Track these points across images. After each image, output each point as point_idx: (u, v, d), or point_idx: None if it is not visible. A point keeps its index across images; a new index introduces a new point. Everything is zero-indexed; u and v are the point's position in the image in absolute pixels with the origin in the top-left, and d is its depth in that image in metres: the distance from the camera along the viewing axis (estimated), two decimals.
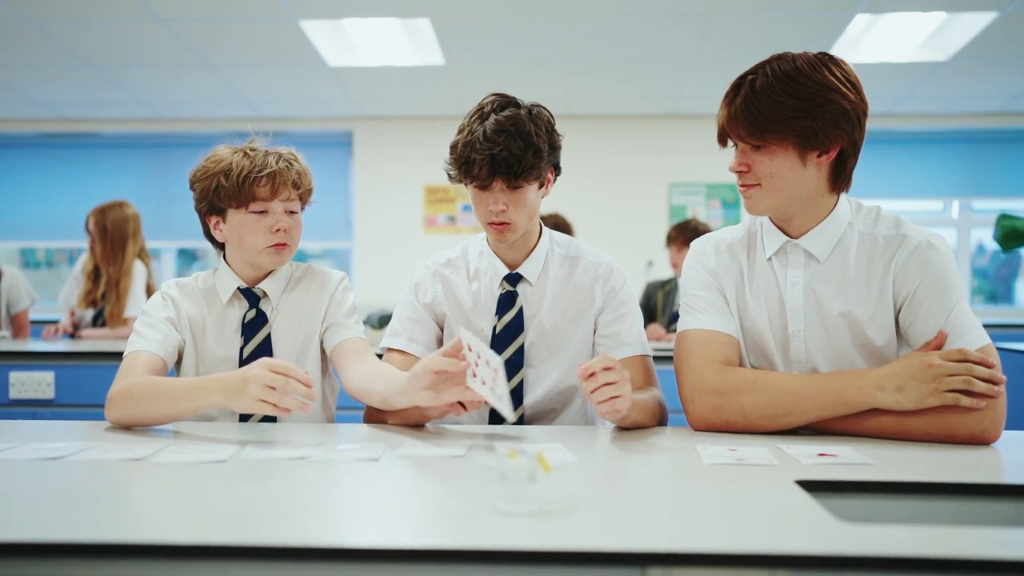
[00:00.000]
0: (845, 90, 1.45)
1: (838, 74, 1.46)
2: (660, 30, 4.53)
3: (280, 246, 1.72)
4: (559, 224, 4.10)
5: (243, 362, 1.73)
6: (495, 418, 1.77)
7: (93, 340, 3.64)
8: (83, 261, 3.87)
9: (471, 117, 1.70)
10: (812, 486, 1.12)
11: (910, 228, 1.53)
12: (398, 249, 6.35)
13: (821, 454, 1.30)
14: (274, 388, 1.38)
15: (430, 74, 5.31)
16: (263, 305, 1.78)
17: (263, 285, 1.78)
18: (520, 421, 1.78)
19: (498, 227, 1.71)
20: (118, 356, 3.08)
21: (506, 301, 1.79)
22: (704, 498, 1.08)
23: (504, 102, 1.70)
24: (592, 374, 1.40)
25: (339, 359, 1.76)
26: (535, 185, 1.70)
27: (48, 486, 1.10)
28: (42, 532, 0.89)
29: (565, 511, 0.97)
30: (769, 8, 4.20)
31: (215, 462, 1.25)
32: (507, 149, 1.62)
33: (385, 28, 4.50)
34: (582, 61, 5.07)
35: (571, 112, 6.15)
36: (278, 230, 1.71)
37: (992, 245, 6.74)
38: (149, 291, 3.81)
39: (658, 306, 4.44)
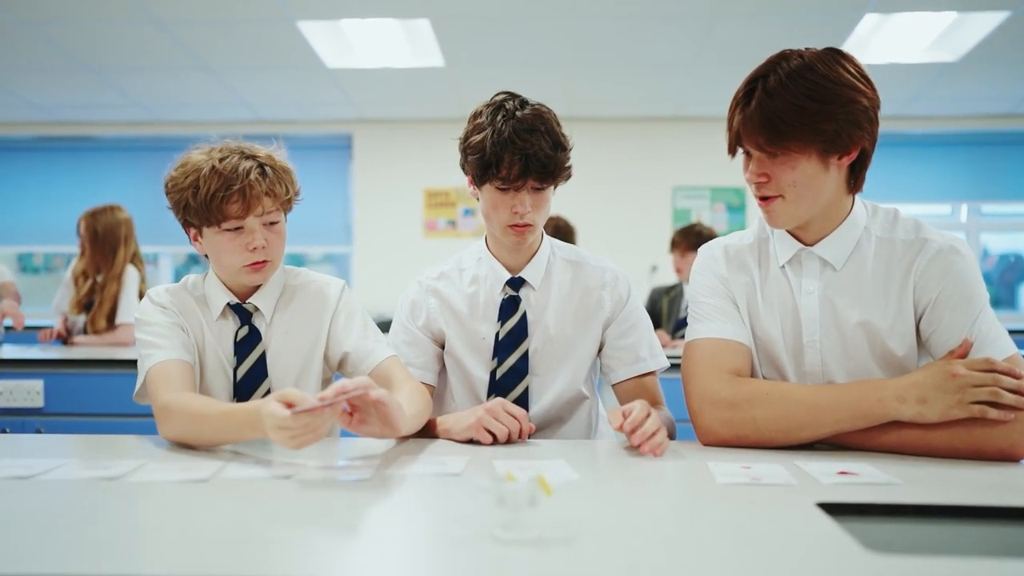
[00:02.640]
0: (863, 87, 1.37)
1: (852, 70, 1.38)
2: (663, 32, 4.47)
3: (259, 264, 1.58)
4: (560, 227, 4.03)
5: (236, 385, 1.61)
6: (492, 389, 1.70)
7: (85, 347, 3.57)
8: (74, 266, 3.80)
9: (491, 115, 1.62)
10: (834, 509, 1.04)
11: (931, 232, 1.46)
12: (398, 253, 6.29)
13: (841, 472, 1.23)
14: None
15: (430, 76, 5.25)
16: (256, 321, 1.64)
17: (254, 300, 1.64)
18: None
19: (520, 229, 1.65)
20: (110, 364, 3.07)
21: (509, 306, 1.72)
22: (719, 524, 1.00)
23: (522, 100, 1.66)
24: (633, 429, 1.37)
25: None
26: (554, 185, 1.67)
27: (8, 509, 1.03)
28: None
29: (568, 538, 0.90)
30: (774, 9, 4.13)
31: (195, 482, 1.18)
32: (540, 148, 1.57)
33: (384, 29, 4.44)
34: (584, 63, 5.01)
35: (572, 114, 6.09)
36: (255, 248, 1.56)
37: (996, 249, 6.68)
38: (143, 297, 3.73)
39: (663, 312, 4.38)
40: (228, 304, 1.64)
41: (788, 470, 1.24)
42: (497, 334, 1.71)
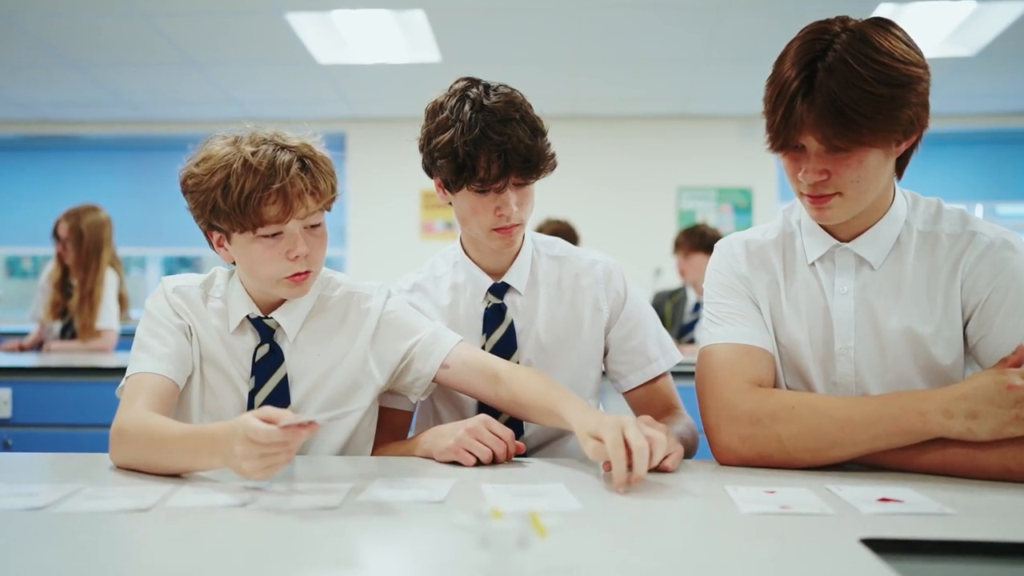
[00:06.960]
0: (923, 60, 1.21)
1: (907, 42, 1.21)
2: (669, 25, 4.34)
3: (300, 276, 1.35)
4: (560, 232, 3.86)
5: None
6: (482, 409, 1.49)
7: (61, 354, 3.41)
8: (49, 270, 3.65)
9: (456, 108, 1.42)
10: (881, 545, 0.88)
11: (980, 224, 1.30)
12: (394, 256, 6.15)
13: (882, 499, 1.06)
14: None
15: (426, 72, 5.12)
16: (279, 338, 1.42)
17: (277, 315, 1.41)
18: (526, 453, 1.54)
19: (506, 231, 1.46)
20: (84, 372, 2.90)
21: (494, 316, 1.55)
22: (749, 567, 0.83)
23: (486, 85, 1.46)
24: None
25: (461, 383, 1.43)
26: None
27: None
28: None
29: None
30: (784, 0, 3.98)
31: (134, 511, 1.01)
32: (519, 139, 1.38)
33: (377, 21, 4.31)
34: (587, 58, 4.89)
35: (575, 112, 5.95)
36: (296, 256, 1.33)
37: None
38: (121, 300, 3.62)
39: (667, 317, 4.24)
40: (247, 316, 1.42)
41: (820, 496, 1.08)
42: (483, 348, 1.53)
